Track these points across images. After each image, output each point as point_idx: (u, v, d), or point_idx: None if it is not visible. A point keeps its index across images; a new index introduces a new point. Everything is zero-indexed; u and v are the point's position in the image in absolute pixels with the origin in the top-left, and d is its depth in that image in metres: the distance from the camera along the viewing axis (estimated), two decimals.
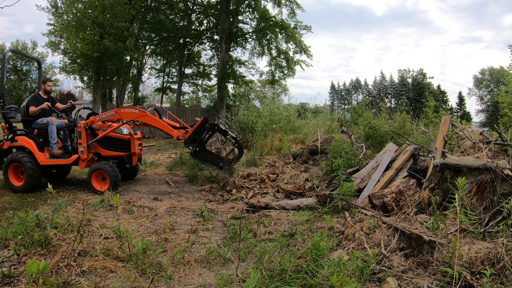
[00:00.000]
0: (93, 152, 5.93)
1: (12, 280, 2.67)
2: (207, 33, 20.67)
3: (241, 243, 3.46)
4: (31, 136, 5.81)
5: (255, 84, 36.11)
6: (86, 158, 5.78)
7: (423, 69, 57.62)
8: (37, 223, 3.55)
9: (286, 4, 18.37)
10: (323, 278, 2.43)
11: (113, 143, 6.05)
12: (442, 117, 5.30)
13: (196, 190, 6.23)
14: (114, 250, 3.12)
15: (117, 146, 6.06)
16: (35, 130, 5.89)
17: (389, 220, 3.34)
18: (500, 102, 12.34)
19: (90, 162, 5.95)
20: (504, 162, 3.39)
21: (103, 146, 5.98)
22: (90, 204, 4.97)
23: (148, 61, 26.95)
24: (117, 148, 6.06)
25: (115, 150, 6.05)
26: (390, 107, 44.03)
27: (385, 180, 4.89)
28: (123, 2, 16.09)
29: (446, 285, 2.34)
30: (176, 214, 4.74)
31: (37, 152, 5.67)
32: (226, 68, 17.83)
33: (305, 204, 4.82)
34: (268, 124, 10.75)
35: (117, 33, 17.27)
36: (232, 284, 2.59)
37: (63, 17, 18.39)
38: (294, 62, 19.14)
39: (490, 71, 49.13)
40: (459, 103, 52.78)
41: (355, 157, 6.10)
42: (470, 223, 3.04)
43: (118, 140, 6.05)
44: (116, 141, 6.05)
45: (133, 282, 2.66)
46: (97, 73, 17.14)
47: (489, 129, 11.55)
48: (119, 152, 6.06)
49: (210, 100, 26.55)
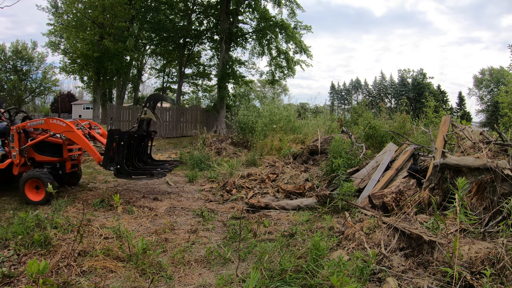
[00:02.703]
0: (27, 157, 5.58)
1: (12, 280, 2.67)
2: (207, 33, 20.67)
3: (241, 243, 3.46)
4: None
5: (255, 84, 36.12)
6: (19, 162, 5.48)
7: (423, 69, 57.68)
8: (37, 223, 3.55)
9: (286, 4, 18.38)
10: (323, 278, 2.43)
11: (45, 147, 5.68)
12: (442, 117, 5.30)
13: (196, 190, 6.23)
14: (114, 250, 3.11)
15: (49, 150, 5.70)
16: None
17: (389, 220, 3.34)
18: (500, 102, 12.35)
19: (24, 168, 5.62)
20: (504, 162, 3.39)
21: (36, 151, 5.62)
22: (90, 204, 4.98)
23: (148, 61, 27.01)
24: (49, 152, 5.70)
25: (48, 155, 5.68)
26: (390, 107, 44.04)
27: (385, 180, 4.89)
28: (123, 2, 16.10)
29: (446, 285, 2.34)
30: (176, 214, 4.74)
31: None
32: (226, 68, 17.83)
33: (305, 204, 4.83)
34: (268, 124, 10.75)
35: (117, 33, 17.28)
36: (232, 284, 2.59)
37: (63, 17, 18.39)
38: (294, 62, 19.14)
39: (490, 71, 49.16)
40: (459, 103, 52.81)
41: (355, 157, 6.10)
42: (470, 223, 3.03)
43: (50, 144, 5.70)
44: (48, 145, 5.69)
45: (133, 282, 2.66)
46: (97, 73, 17.15)
47: (489, 129, 11.55)
48: (51, 157, 5.70)
49: (210, 100, 26.56)
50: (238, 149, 10.49)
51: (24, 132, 5.55)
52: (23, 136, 5.56)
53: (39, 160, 5.66)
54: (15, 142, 5.45)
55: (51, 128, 5.46)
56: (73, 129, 5.40)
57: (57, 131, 5.47)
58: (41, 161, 5.67)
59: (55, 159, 5.74)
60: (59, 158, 5.79)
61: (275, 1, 18.10)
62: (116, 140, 5.32)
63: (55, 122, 5.46)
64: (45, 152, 5.67)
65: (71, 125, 5.43)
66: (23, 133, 5.54)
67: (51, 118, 5.56)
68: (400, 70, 64.74)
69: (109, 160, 5.32)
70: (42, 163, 5.67)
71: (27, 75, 41.80)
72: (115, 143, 5.31)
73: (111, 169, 5.37)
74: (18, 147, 5.47)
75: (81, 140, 5.44)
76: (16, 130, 5.43)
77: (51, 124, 5.46)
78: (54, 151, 5.75)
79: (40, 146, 5.63)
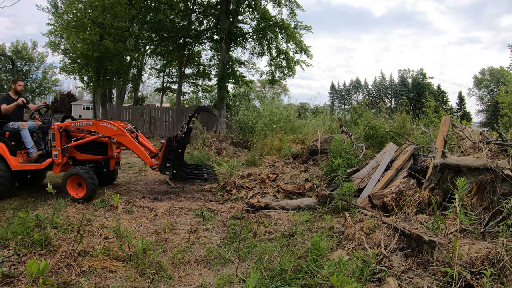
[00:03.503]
0: (68, 156, 5.56)
1: (12, 280, 2.67)
2: (207, 33, 20.67)
3: (241, 243, 3.46)
4: (2, 139, 5.44)
5: (255, 84, 36.13)
6: (61, 162, 5.44)
7: (423, 69, 57.70)
8: (37, 223, 3.55)
9: (286, 4, 18.39)
10: (323, 278, 2.43)
11: (89, 146, 5.68)
12: (442, 117, 5.30)
13: (196, 190, 6.23)
14: (114, 250, 3.11)
15: (93, 149, 5.70)
16: (7, 133, 5.55)
17: (389, 220, 3.34)
18: (500, 102, 12.35)
19: (65, 167, 5.59)
20: (504, 162, 3.39)
21: (78, 150, 5.62)
22: (90, 204, 4.98)
23: (148, 61, 27.01)
24: (93, 151, 5.71)
25: (91, 154, 5.69)
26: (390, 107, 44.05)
27: (385, 180, 4.89)
28: (123, 2, 16.09)
29: (446, 285, 2.34)
30: (176, 214, 4.74)
31: (9, 156, 5.29)
32: (226, 68, 17.83)
33: (305, 204, 4.82)
34: (268, 124, 10.75)
35: (117, 33, 17.28)
36: (232, 284, 2.59)
37: (63, 17, 18.39)
38: (294, 62, 19.14)
39: (490, 71, 49.16)
40: (459, 103, 52.82)
41: (355, 157, 6.10)
42: (470, 223, 3.03)
43: (94, 142, 5.67)
44: (92, 144, 5.68)
45: (133, 282, 2.66)
46: (97, 73, 17.14)
47: (489, 129, 11.55)
48: (95, 155, 5.71)
49: (210, 100, 26.58)
50: (238, 149, 10.48)
51: (65, 131, 5.52)
52: (64, 135, 5.54)
53: (80, 159, 5.65)
54: (56, 141, 5.38)
55: (100, 130, 5.46)
56: (125, 133, 5.42)
57: (106, 134, 5.46)
58: (82, 160, 5.66)
59: (99, 157, 5.74)
60: (104, 156, 5.80)
61: (275, 1, 18.10)
62: (174, 147, 5.63)
63: (105, 125, 5.45)
64: (88, 151, 5.66)
65: (122, 129, 5.44)
66: (64, 133, 5.51)
67: (100, 121, 5.56)
68: (400, 70, 64.81)
69: (165, 166, 5.62)
70: (83, 161, 5.66)
71: (27, 75, 41.80)
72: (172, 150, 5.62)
73: (167, 174, 5.67)
74: (60, 146, 5.41)
75: (133, 145, 5.48)
76: (57, 129, 5.38)
77: (101, 126, 5.46)
78: (99, 150, 5.75)
79: (82, 145, 5.61)
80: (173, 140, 5.69)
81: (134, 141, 5.50)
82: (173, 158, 5.67)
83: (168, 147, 5.63)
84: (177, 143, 5.67)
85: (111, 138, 5.56)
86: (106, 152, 5.81)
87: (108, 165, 5.90)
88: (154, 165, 5.68)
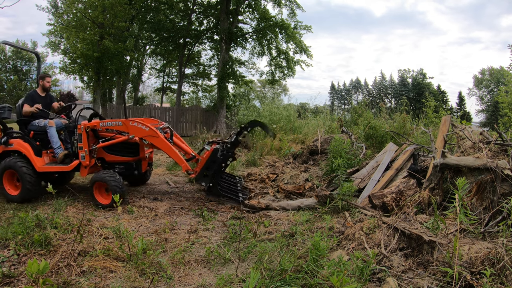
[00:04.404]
0: (96, 157, 5.21)
1: (12, 280, 2.67)
2: (207, 33, 20.66)
3: (241, 243, 3.46)
4: (27, 139, 5.20)
5: (255, 84, 36.11)
6: (89, 164, 5.07)
7: (423, 69, 57.70)
8: (37, 223, 3.55)
9: (286, 4, 18.37)
10: (323, 278, 2.43)
11: (119, 147, 5.29)
12: (442, 117, 5.30)
13: (196, 190, 6.23)
14: (114, 250, 3.12)
15: (123, 150, 5.32)
16: (31, 132, 5.29)
17: (389, 220, 3.34)
18: (500, 102, 12.34)
19: (93, 169, 5.26)
20: (504, 162, 3.39)
21: (107, 151, 5.27)
22: (90, 204, 4.97)
23: (148, 61, 26.98)
24: (123, 152, 5.33)
25: (121, 155, 5.32)
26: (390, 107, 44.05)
27: (385, 180, 4.89)
28: (123, 2, 16.08)
29: (446, 285, 2.34)
30: (176, 214, 4.74)
31: (33, 157, 5.04)
32: (226, 68, 17.83)
33: (305, 204, 4.82)
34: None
35: (117, 33, 17.27)
36: (232, 284, 2.59)
37: (63, 17, 18.37)
38: (294, 62, 19.13)
39: (490, 71, 49.16)
40: (459, 103, 52.78)
41: (355, 157, 6.10)
42: (470, 223, 3.03)
43: (124, 143, 5.28)
44: (122, 145, 5.29)
45: (133, 282, 2.66)
46: (97, 73, 17.13)
47: (489, 129, 11.55)
48: (126, 157, 5.33)
49: (210, 100, 26.55)
50: (238, 149, 10.49)
51: (93, 131, 5.15)
52: (92, 135, 5.17)
53: (109, 161, 5.28)
54: (83, 141, 5.01)
55: (131, 131, 5.04)
56: (158, 134, 4.95)
57: (138, 135, 5.03)
58: (112, 161, 5.29)
59: (130, 158, 5.34)
60: (135, 158, 5.40)
61: (275, 1, 18.09)
62: (219, 160, 5.10)
63: (136, 125, 5.00)
64: (117, 152, 5.27)
65: (155, 129, 4.98)
66: (91, 132, 5.14)
67: (130, 120, 5.09)
68: (400, 70, 64.77)
69: (203, 175, 5.20)
70: (113, 163, 5.30)
71: (27, 75, 41.79)
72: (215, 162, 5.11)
73: (203, 185, 5.23)
74: (87, 147, 5.03)
75: (167, 147, 4.99)
76: (84, 129, 5.01)
77: (131, 126, 5.03)
78: (129, 150, 5.35)
79: (112, 146, 5.21)
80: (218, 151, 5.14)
81: (168, 143, 5.01)
82: (214, 171, 5.15)
83: (212, 157, 5.13)
84: (223, 157, 5.13)
85: (143, 140, 5.16)
86: (137, 153, 5.41)
87: (139, 167, 5.54)
88: (190, 170, 5.18)
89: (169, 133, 5.36)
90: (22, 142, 5.18)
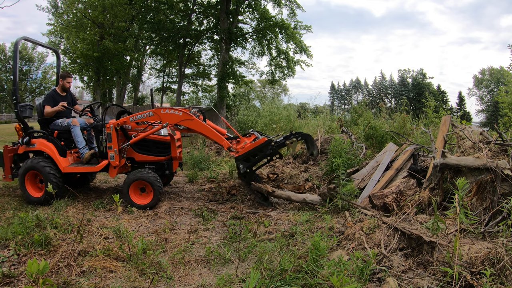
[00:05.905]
0: (126, 157, 5.06)
1: (12, 280, 2.67)
2: (207, 33, 20.66)
3: (241, 243, 3.46)
4: (51, 139, 5.01)
5: (255, 84, 36.13)
6: (118, 164, 4.88)
7: (423, 69, 57.74)
8: (37, 223, 3.55)
9: (286, 4, 18.38)
10: (323, 278, 2.43)
11: (149, 146, 5.18)
12: (442, 117, 5.30)
13: (196, 190, 6.23)
14: (114, 250, 3.12)
15: (154, 149, 5.20)
16: (55, 131, 5.11)
17: (389, 220, 3.34)
18: (500, 102, 12.32)
19: (122, 169, 5.13)
20: (504, 162, 3.39)
21: (137, 150, 5.12)
22: (90, 204, 4.97)
23: (148, 61, 26.98)
24: (154, 151, 5.21)
25: (152, 154, 5.20)
26: (390, 107, 44.04)
27: (385, 180, 4.89)
28: (123, 2, 16.09)
29: (446, 285, 2.34)
30: (176, 214, 4.74)
31: (58, 157, 4.86)
32: (226, 68, 17.83)
33: (310, 199, 4.81)
34: (268, 124, 10.76)
35: (117, 33, 17.28)
36: (232, 284, 2.59)
37: (63, 17, 18.40)
38: (294, 62, 19.14)
39: (490, 71, 49.18)
40: (459, 103, 52.82)
41: (355, 157, 6.10)
42: (470, 223, 3.03)
43: (155, 142, 5.17)
44: (152, 144, 5.18)
45: (133, 282, 2.66)
46: (97, 73, 17.15)
47: (489, 129, 11.54)
48: (157, 156, 5.20)
49: (210, 100, 26.58)
50: None
51: (122, 129, 4.98)
52: (121, 134, 5.00)
53: (139, 160, 5.15)
54: (113, 141, 4.82)
55: (164, 119, 4.87)
56: (192, 117, 4.83)
57: (172, 122, 4.87)
58: (142, 161, 5.17)
59: (161, 158, 5.22)
60: (166, 157, 5.27)
61: (275, 1, 18.09)
62: (268, 152, 4.86)
63: (169, 112, 4.86)
64: (148, 151, 5.16)
65: (189, 112, 4.87)
66: (121, 131, 4.97)
67: (162, 108, 4.95)
68: (400, 70, 64.83)
69: (244, 159, 4.91)
70: (142, 163, 5.18)
71: (27, 75, 41.82)
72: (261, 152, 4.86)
73: (240, 167, 4.95)
74: (117, 146, 4.85)
75: (205, 128, 4.86)
76: (113, 127, 4.83)
77: (163, 115, 4.86)
78: (160, 150, 5.22)
79: (142, 145, 5.11)
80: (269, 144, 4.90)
81: (205, 124, 4.90)
82: (256, 160, 4.96)
83: (261, 147, 4.85)
84: (273, 151, 4.89)
85: (178, 126, 4.97)
86: (169, 152, 5.29)
87: (170, 166, 5.37)
88: (233, 147, 4.95)
89: (202, 117, 5.20)
90: (45, 142, 5.00)
